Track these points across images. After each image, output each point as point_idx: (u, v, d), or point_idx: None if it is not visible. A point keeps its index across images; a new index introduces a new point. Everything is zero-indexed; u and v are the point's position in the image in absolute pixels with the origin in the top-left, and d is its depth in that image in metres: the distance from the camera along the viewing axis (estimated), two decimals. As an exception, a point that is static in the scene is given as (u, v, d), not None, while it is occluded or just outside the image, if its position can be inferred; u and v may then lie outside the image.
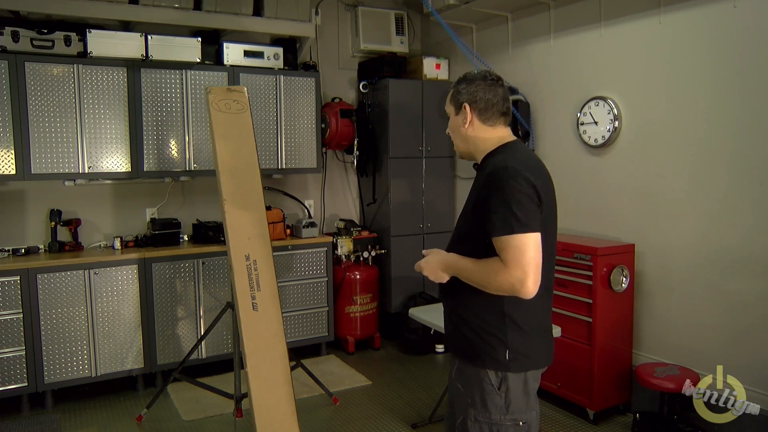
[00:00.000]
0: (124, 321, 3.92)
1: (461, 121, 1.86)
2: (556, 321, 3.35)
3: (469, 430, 1.81)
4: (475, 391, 1.81)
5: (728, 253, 3.16)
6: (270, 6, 4.37)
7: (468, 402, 1.82)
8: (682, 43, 3.33)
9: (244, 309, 3.00)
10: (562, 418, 3.63)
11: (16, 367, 3.63)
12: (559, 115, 4.11)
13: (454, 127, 1.90)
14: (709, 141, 3.23)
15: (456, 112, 1.88)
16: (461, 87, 1.86)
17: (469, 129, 1.86)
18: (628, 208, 3.67)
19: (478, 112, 1.84)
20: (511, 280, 1.64)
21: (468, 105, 1.84)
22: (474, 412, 1.80)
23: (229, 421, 3.46)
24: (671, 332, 3.46)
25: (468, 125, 1.85)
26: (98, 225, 4.28)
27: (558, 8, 4.09)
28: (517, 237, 1.65)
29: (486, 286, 1.71)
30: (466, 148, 1.90)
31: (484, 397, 1.78)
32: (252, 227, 3.10)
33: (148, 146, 4.08)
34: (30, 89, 3.72)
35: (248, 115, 3.20)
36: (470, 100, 1.84)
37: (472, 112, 1.85)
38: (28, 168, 3.75)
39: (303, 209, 5.04)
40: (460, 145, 1.91)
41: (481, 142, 1.86)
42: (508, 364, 1.77)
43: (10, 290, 3.61)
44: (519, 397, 1.78)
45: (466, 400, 1.83)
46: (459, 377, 1.86)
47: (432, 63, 5.00)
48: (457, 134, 1.90)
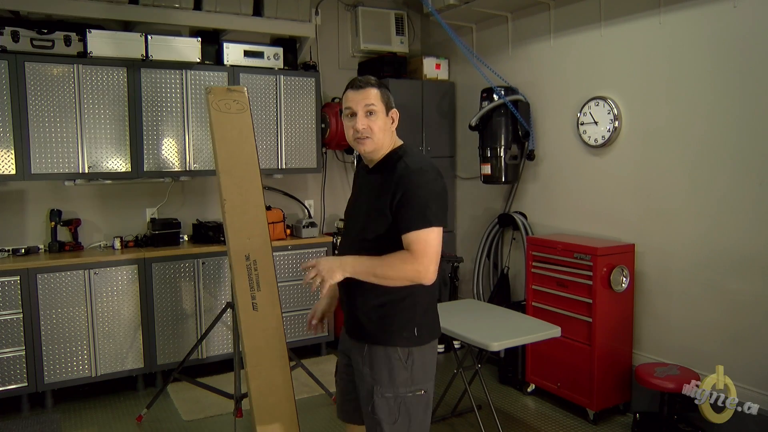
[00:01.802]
0: (124, 321, 3.92)
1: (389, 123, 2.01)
2: (556, 321, 3.36)
3: (378, 409, 1.98)
4: (383, 370, 1.99)
5: (728, 253, 3.16)
6: (270, 6, 4.37)
7: (374, 381, 1.99)
8: (682, 43, 3.33)
9: (244, 309, 3.00)
10: (562, 418, 3.63)
11: (16, 367, 3.63)
12: (559, 115, 4.11)
13: (383, 125, 1.98)
14: (709, 141, 3.23)
15: (387, 113, 2.00)
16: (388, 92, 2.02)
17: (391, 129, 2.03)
18: (628, 208, 3.67)
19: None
20: (427, 269, 1.85)
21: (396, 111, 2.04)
22: (381, 389, 1.97)
23: (229, 421, 3.46)
24: (671, 332, 3.46)
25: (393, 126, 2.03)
26: (98, 225, 4.28)
27: (558, 8, 4.09)
28: (426, 231, 1.86)
29: (390, 278, 1.88)
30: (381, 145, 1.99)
31: (393, 373, 1.97)
32: (252, 227, 3.09)
33: (148, 146, 4.08)
34: (30, 89, 3.72)
35: (248, 115, 3.20)
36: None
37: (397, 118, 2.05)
38: (28, 168, 3.75)
39: (303, 209, 5.04)
40: (378, 143, 1.98)
41: (388, 144, 2.02)
42: (416, 339, 1.99)
43: (10, 290, 3.61)
44: (421, 368, 2.00)
45: (373, 380, 1.99)
46: (367, 362, 2.01)
47: (432, 63, 5.00)
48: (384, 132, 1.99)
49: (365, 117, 1.96)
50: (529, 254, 3.90)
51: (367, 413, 2.01)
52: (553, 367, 3.73)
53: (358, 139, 1.97)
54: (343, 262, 1.90)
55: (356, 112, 1.96)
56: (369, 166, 2.05)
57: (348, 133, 2.01)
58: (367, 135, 1.96)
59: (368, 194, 2.02)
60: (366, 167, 2.08)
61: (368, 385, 2.00)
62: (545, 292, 3.80)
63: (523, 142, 4.32)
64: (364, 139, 1.96)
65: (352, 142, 2.01)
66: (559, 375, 3.68)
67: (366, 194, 2.04)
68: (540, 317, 3.51)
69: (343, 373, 2.18)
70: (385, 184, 1.94)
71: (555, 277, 3.73)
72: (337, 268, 1.88)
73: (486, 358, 3.75)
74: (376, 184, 1.99)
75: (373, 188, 1.99)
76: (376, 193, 1.96)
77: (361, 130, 1.95)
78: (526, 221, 4.37)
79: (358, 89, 1.97)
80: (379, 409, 1.97)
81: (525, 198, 4.45)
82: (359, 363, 2.03)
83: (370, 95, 1.96)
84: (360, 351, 2.03)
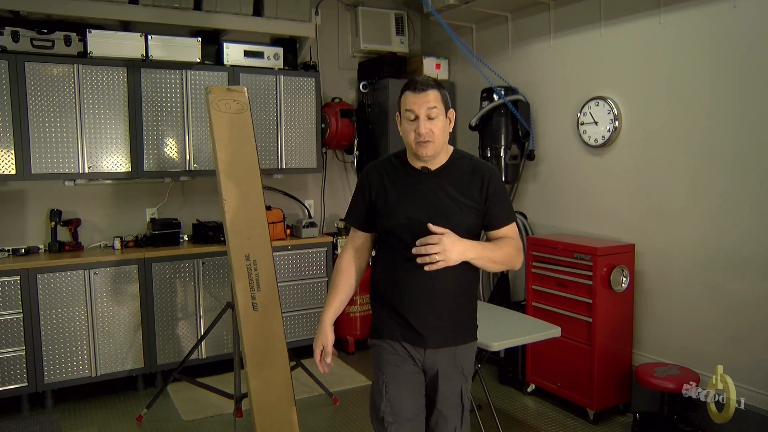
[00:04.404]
0: (124, 321, 3.92)
1: (447, 124, 2.02)
2: (556, 321, 3.36)
3: (466, 407, 2.08)
4: (471, 367, 2.12)
5: (728, 253, 3.16)
6: (270, 6, 4.37)
7: (464, 378, 2.08)
8: (682, 43, 3.33)
9: (244, 309, 3.00)
10: (562, 418, 3.63)
11: (16, 367, 3.63)
12: (559, 115, 4.11)
13: (443, 128, 1.99)
14: (709, 141, 3.23)
15: (445, 115, 2.00)
16: (446, 92, 2.02)
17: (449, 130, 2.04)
18: (628, 208, 3.67)
19: None
20: (522, 255, 2.04)
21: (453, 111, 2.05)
22: (466, 385, 2.09)
23: (229, 421, 3.46)
24: (671, 332, 3.46)
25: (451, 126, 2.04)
26: (98, 225, 4.28)
27: (558, 8, 4.09)
28: (514, 223, 2.07)
29: (504, 264, 2.00)
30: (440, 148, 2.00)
31: (472, 366, 2.14)
32: (252, 227, 3.10)
33: (148, 146, 4.08)
34: (30, 89, 3.72)
35: (248, 115, 3.20)
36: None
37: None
38: (28, 168, 3.75)
39: (303, 209, 5.04)
40: (439, 146, 1.98)
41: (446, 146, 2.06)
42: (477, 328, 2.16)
43: (10, 290, 3.61)
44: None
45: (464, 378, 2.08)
46: (459, 364, 2.07)
47: (432, 63, 5.00)
48: (444, 134, 2.00)
49: (427, 120, 1.93)
50: (529, 254, 3.90)
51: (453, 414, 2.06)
52: (553, 367, 3.73)
53: (420, 143, 1.94)
54: (466, 246, 1.87)
55: (418, 115, 1.93)
56: (430, 167, 2.02)
57: (408, 136, 1.97)
58: (429, 139, 1.93)
59: (439, 193, 1.99)
60: (416, 168, 2.03)
61: (457, 386, 2.06)
62: (545, 292, 3.80)
63: (523, 142, 4.32)
64: (426, 143, 1.94)
65: (413, 145, 1.97)
66: (559, 375, 3.68)
67: (433, 193, 2.00)
68: (540, 317, 3.51)
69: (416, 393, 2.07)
70: (464, 182, 2.00)
71: (555, 277, 3.73)
72: (461, 248, 1.85)
73: (486, 358, 3.75)
74: (447, 183, 2.00)
75: (444, 187, 1.99)
76: (454, 191, 1.99)
77: (424, 134, 1.93)
78: (526, 221, 4.37)
79: (420, 92, 1.94)
80: (466, 405, 2.07)
81: (525, 198, 4.44)
82: (448, 369, 2.05)
83: (431, 98, 1.94)
84: (447, 357, 2.05)
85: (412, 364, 2.06)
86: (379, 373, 2.08)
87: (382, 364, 2.08)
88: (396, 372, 2.05)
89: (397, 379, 2.05)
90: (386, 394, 2.04)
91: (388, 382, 2.05)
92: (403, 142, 2.04)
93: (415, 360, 2.05)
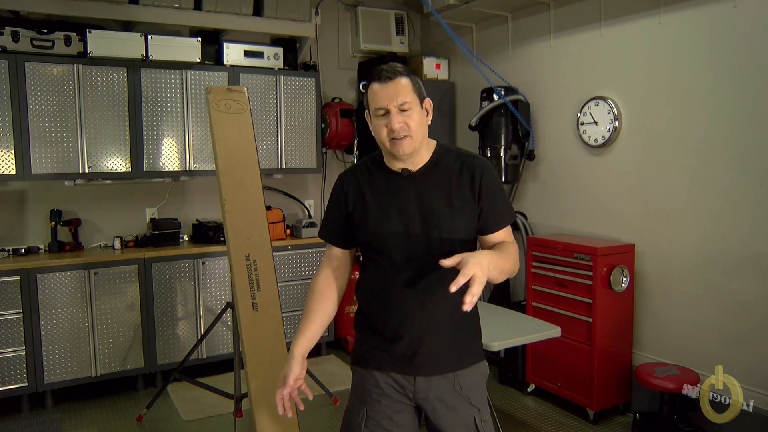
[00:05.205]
0: (124, 321, 3.92)
1: (424, 115, 1.72)
2: (556, 321, 3.35)
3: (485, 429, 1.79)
4: (481, 392, 1.80)
5: (728, 253, 3.16)
6: (270, 6, 4.37)
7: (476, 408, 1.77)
8: (683, 43, 3.33)
9: (244, 309, 3.00)
10: (562, 418, 3.63)
11: (16, 367, 3.63)
12: (559, 115, 4.11)
13: (420, 120, 1.69)
14: (709, 141, 3.23)
15: (421, 105, 1.70)
16: (418, 79, 1.72)
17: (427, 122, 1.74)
18: (628, 208, 3.67)
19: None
20: (518, 261, 1.73)
21: (430, 101, 1.74)
22: (482, 414, 1.78)
23: (229, 421, 3.46)
24: (671, 332, 3.46)
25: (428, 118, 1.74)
26: (98, 225, 4.28)
27: (558, 8, 4.09)
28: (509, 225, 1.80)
29: (509, 273, 1.70)
30: (419, 143, 1.71)
31: (484, 390, 1.82)
32: (252, 227, 3.09)
33: (148, 146, 4.08)
34: (30, 89, 3.72)
35: (248, 115, 3.20)
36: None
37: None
38: (28, 168, 3.75)
39: (303, 209, 5.04)
40: (418, 141, 1.69)
41: (425, 141, 1.75)
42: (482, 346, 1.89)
43: (10, 290, 3.61)
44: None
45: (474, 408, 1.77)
46: (463, 391, 1.76)
47: (432, 63, 5.00)
48: (422, 127, 1.70)
49: (399, 113, 1.64)
50: (529, 254, 3.90)
51: None
52: (553, 367, 3.73)
53: (394, 139, 1.66)
54: (487, 260, 1.52)
55: (389, 109, 1.64)
56: (410, 168, 1.73)
57: (380, 134, 1.68)
58: (404, 134, 1.65)
59: (424, 197, 1.72)
60: (394, 171, 1.75)
61: (467, 419, 1.75)
62: (545, 292, 3.80)
63: (523, 142, 4.32)
64: (401, 140, 1.65)
65: (386, 144, 1.68)
66: (559, 375, 3.68)
67: (418, 198, 1.72)
68: (540, 317, 3.51)
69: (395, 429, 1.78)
70: (452, 180, 1.72)
71: (555, 277, 3.72)
72: (486, 265, 1.50)
73: (486, 358, 3.75)
74: (433, 184, 1.72)
75: (430, 189, 1.72)
76: (441, 192, 1.71)
77: (398, 129, 1.64)
78: (526, 221, 4.37)
79: (386, 81, 1.64)
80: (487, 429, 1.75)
81: (525, 198, 4.44)
82: (448, 400, 1.74)
83: (402, 88, 1.64)
84: (445, 386, 1.74)
85: (398, 400, 1.77)
86: (359, 404, 1.81)
87: (363, 396, 1.81)
88: (378, 409, 1.78)
89: (379, 415, 1.78)
90: (363, 429, 1.78)
91: (368, 417, 1.78)
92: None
93: (405, 392, 1.76)
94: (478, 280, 1.45)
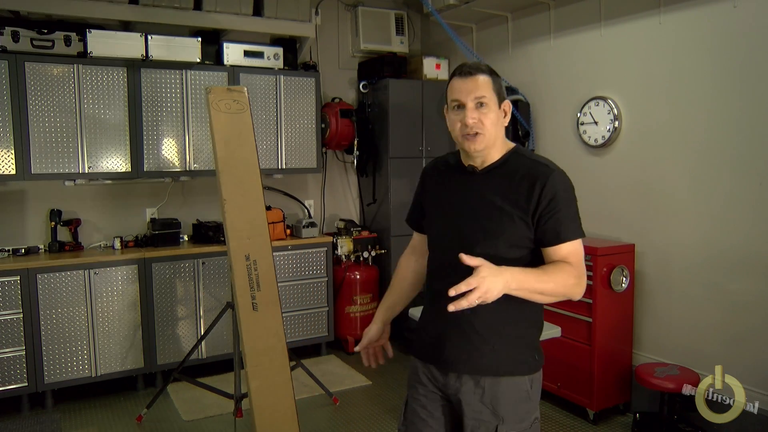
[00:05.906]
0: (124, 321, 3.92)
1: (501, 116, 1.73)
2: (556, 321, 3.35)
3: None
4: (509, 405, 1.72)
5: (729, 253, 3.16)
6: (270, 6, 4.37)
7: (499, 418, 1.72)
8: (682, 43, 3.33)
9: (244, 309, 3.00)
10: (562, 418, 3.63)
11: (16, 367, 3.63)
12: (559, 115, 4.11)
13: (496, 119, 1.70)
14: (709, 141, 3.23)
15: (499, 105, 1.71)
16: (500, 80, 1.73)
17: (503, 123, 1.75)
18: (628, 208, 3.67)
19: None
20: (583, 284, 1.68)
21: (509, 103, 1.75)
22: (505, 427, 1.72)
23: (229, 421, 3.46)
24: (671, 332, 3.46)
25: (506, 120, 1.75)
26: (98, 225, 4.28)
27: (558, 8, 4.09)
28: (580, 241, 1.71)
29: (554, 295, 1.64)
30: (492, 143, 1.71)
31: (519, 406, 1.73)
32: (252, 227, 3.10)
33: (148, 146, 4.08)
34: (30, 89, 3.72)
35: (248, 115, 3.20)
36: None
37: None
38: (28, 168, 3.75)
39: (303, 209, 5.04)
40: (490, 140, 1.70)
41: (501, 142, 1.76)
42: (537, 363, 1.77)
43: (10, 290, 3.61)
44: (537, 393, 1.80)
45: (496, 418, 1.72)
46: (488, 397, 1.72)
47: (432, 63, 5.00)
48: (496, 127, 1.71)
49: (475, 109, 1.66)
50: (529, 254, 3.89)
51: None
52: (553, 367, 3.73)
53: (466, 135, 1.67)
54: (506, 277, 1.50)
55: (465, 103, 1.66)
56: (477, 167, 1.74)
57: (454, 128, 1.70)
58: (477, 130, 1.66)
59: (480, 197, 1.72)
60: (465, 168, 1.77)
61: (489, 426, 1.71)
62: (545, 292, 3.79)
63: (523, 142, 4.31)
64: (474, 136, 1.66)
65: (459, 139, 1.70)
66: (559, 375, 3.68)
67: (474, 197, 1.73)
68: (540, 317, 3.51)
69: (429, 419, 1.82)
70: (511, 185, 1.69)
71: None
72: (503, 282, 1.49)
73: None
74: (492, 185, 1.72)
75: (487, 189, 1.72)
76: (495, 194, 1.70)
77: (471, 125, 1.65)
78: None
79: (466, 76, 1.67)
80: None
81: (525, 198, 4.44)
82: (473, 403, 1.72)
83: (480, 84, 1.66)
84: (474, 386, 1.72)
85: (432, 390, 1.82)
86: (407, 388, 1.91)
87: (409, 381, 1.90)
88: (415, 396, 1.85)
89: (415, 402, 1.85)
90: (405, 412, 1.89)
91: (408, 403, 1.88)
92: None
93: (437, 385, 1.80)
94: (476, 293, 1.44)
